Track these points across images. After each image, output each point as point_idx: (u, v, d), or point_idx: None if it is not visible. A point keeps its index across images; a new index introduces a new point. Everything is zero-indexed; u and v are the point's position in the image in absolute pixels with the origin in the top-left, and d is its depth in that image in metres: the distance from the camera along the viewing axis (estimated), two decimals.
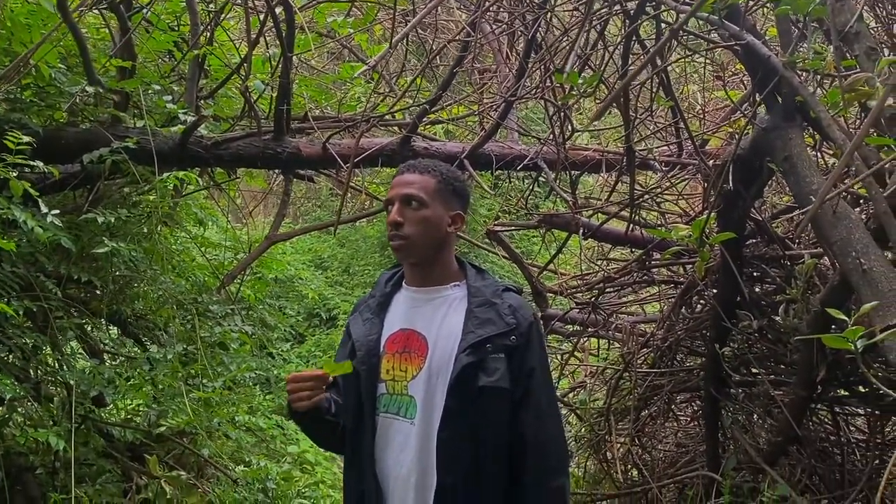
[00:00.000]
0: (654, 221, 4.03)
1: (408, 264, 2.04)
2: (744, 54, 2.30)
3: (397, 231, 1.95)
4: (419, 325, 1.99)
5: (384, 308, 2.05)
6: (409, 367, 1.95)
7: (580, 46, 3.26)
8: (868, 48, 1.72)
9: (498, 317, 1.93)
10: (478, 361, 1.88)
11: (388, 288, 2.09)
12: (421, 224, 1.96)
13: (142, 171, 3.44)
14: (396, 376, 1.96)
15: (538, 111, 7.74)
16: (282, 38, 3.45)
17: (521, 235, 9.62)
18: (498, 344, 1.91)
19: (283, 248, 10.09)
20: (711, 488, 3.54)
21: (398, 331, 2.00)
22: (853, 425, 3.73)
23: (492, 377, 1.89)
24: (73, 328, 3.76)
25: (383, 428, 1.95)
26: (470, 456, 1.89)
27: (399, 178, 2.01)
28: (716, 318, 3.26)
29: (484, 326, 1.92)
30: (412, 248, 1.97)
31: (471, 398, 1.88)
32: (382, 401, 1.96)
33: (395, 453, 1.93)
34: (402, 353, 1.97)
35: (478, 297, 1.97)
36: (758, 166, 2.68)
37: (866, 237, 1.96)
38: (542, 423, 1.94)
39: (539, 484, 1.92)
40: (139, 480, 4.09)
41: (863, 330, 1.49)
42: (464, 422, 1.88)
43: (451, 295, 2.01)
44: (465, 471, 1.88)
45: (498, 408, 1.91)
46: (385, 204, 2.03)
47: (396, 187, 1.99)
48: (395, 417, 1.95)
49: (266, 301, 5.20)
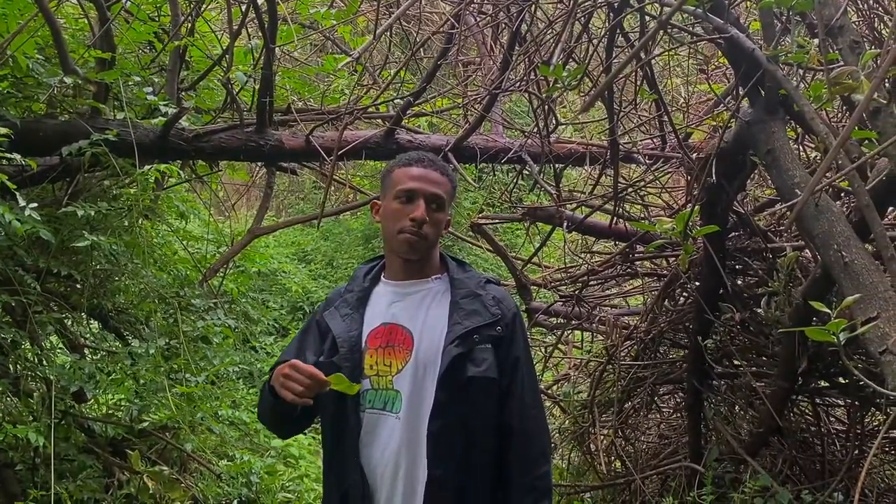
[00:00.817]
0: (637, 214, 4.04)
1: (402, 258, 2.01)
2: (727, 48, 2.30)
3: (419, 229, 1.93)
4: (402, 319, 1.97)
5: (363, 303, 2.03)
6: (394, 361, 1.93)
7: (564, 40, 3.26)
8: (852, 42, 1.73)
9: (483, 308, 1.95)
10: (466, 352, 1.89)
11: (367, 282, 2.07)
12: (437, 226, 1.98)
13: (122, 164, 3.40)
14: (381, 371, 1.94)
15: (522, 104, 7.74)
16: (264, 29, 3.42)
17: (505, 228, 9.62)
18: (484, 335, 1.92)
19: (266, 241, 10.04)
20: (694, 479, 3.56)
21: (380, 325, 1.98)
22: (833, 416, 3.77)
23: (480, 367, 1.90)
24: (52, 323, 3.72)
25: (369, 424, 1.93)
26: (460, 447, 1.89)
27: (422, 171, 1.98)
28: (698, 310, 3.28)
29: (470, 318, 1.93)
30: (424, 246, 1.97)
31: (460, 389, 1.88)
32: (367, 396, 1.94)
33: (381, 448, 1.91)
34: (386, 348, 1.95)
35: (462, 289, 1.98)
36: (741, 160, 2.69)
37: (848, 230, 1.98)
38: (527, 411, 1.96)
39: (524, 472, 1.94)
40: (121, 476, 4.06)
41: (845, 322, 1.50)
42: (453, 413, 1.88)
43: (433, 288, 2.01)
44: (455, 461, 1.89)
45: (486, 398, 1.92)
46: (400, 193, 1.97)
47: (421, 182, 1.96)
48: (381, 412, 1.93)
49: (249, 294, 5.18)
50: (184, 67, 4.06)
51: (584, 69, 2.47)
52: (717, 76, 4.04)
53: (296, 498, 4.98)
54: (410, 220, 1.93)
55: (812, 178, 1.51)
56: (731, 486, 3.47)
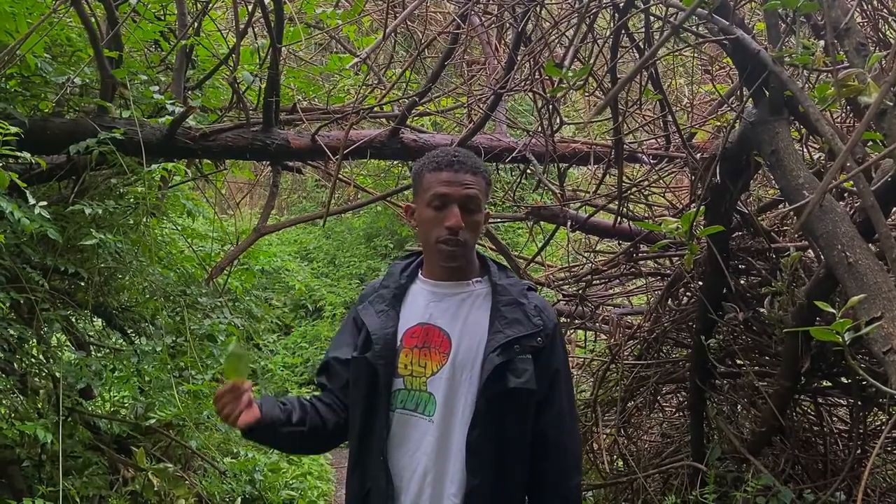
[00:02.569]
0: (641, 214, 4.05)
1: (447, 266, 1.95)
2: (732, 49, 2.31)
3: (456, 237, 1.87)
4: (440, 321, 1.92)
5: (399, 300, 1.98)
6: (429, 362, 1.89)
7: (569, 39, 3.28)
8: (858, 44, 1.74)
9: (525, 317, 1.90)
10: (507, 362, 1.85)
11: (403, 279, 2.01)
12: (475, 229, 1.91)
13: (129, 162, 3.42)
14: (415, 372, 1.90)
15: (526, 103, 7.75)
16: (270, 28, 3.43)
17: (508, 227, 9.64)
18: (525, 345, 1.88)
19: (270, 239, 10.07)
20: (696, 478, 3.58)
21: (416, 325, 1.93)
22: (836, 416, 3.78)
23: (521, 378, 1.86)
24: (59, 320, 3.74)
25: (399, 425, 1.89)
26: (496, 456, 1.86)
27: (454, 174, 1.88)
28: (702, 309, 3.29)
29: (512, 326, 1.88)
30: (465, 253, 1.91)
31: (500, 399, 1.85)
32: (399, 396, 1.90)
33: (411, 451, 1.88)
34: (422, 349, 1.90)
35: (505, 296, 1.92)
36: (745, 160, 2.70)
37: (852, 230, 1.99)
38: (563, 423, 1.94)
39: (558, 483, 1.93)
40: (126, 473, 4.09)
41: (850, 322, 1.52)
42: (491, 422, 1.85)
43: (473, 291, 1.96)
44: (491, 471, 1.86)
45: (524, 409, 1.89)
46: (433, 198, 1.89)
47: (454, 186, 1.87)
48: (413, 414, 1.89)
49: (252, 292, 5.19)
50: (190, 66, 4.08)
51: (589, 70, 2.48)
52: (722, 77, 4.05)
53: (299, 496, 5.01)
54: (447, 229, 1.86)
55: (822, 182, 1.53)
56: (734, 484, 3.48)
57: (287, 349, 9.05)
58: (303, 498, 5.06)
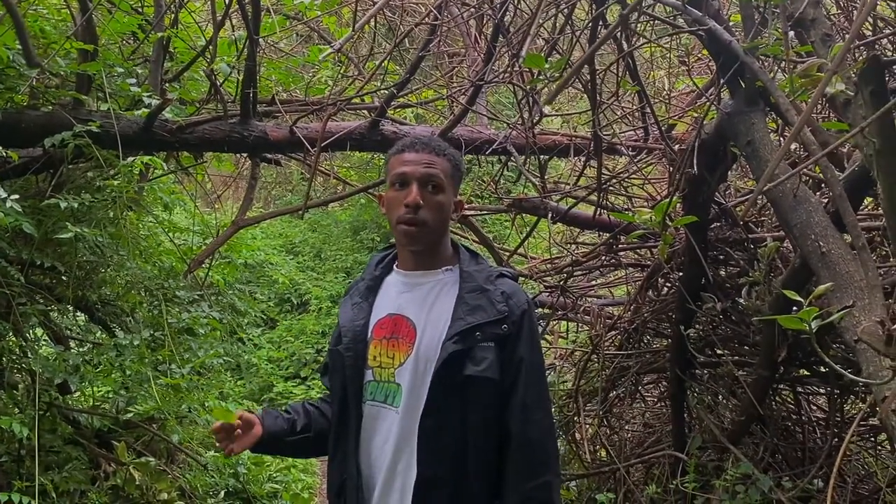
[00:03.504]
0: (621, 205, 4.06)
1: (408, 250, 1.94)
2: (707, 40, 2.32)
3: (415, 214, 1.84)
4: (408, 311, 1.91)
5: (373, 292, 1.98)
6: (397, 353, 1.87)
7: (547, 30, 3.27)
8: (824, 34, 1.75)
9: (489, 304, 1.85)
10: (465, 350, 1.81)
11: (378, 271, 2.00)
12: (438, 210, 1.87)
13: (106, 156, 3.39)
14: (383, 363, 1.88)
15: (508, 96, 7.75)
16: (248, 20, 3.41)
17: (492, 219, 9.64)
18: (488, 332, 1.82)
19: (254, 232, 10.03)
20: (677, 467, 3.60)
21: (386, 316, 1.92)
22: (814, 404, 3.82)
23: (479, 366, 1.80)
24: (36, 315, 3.71)
25: (370, 417, 1.88)
26: (456, 447, 1.81)
27: (412, 154, 1.88)
28: (681, 300, 3.30)
29: (474, 313, 1.84)
30: (426, 234, 1.88)
31: (456, 388, 1.80)
32: (369, 388, 1.89)
33: (381, 442, 1.87)
34: (390, 339, 1.89)
35: (469, 283, 1.89)
36: (722, 151, 2.71)
37: (825, 220, 2.00)
38: (528, 417, 1.84)
39: (521, 480, 1.83)
40: (107, 467, 4.06)
41: (817, 311, 1.53)
42: (447, 412, 1.81)
43: (442, 279, 1.93)
44: (449, 463, 1.81)
45: (485, 399, 1.82)
46: (394, 180, 1.89)
47: (412, 164, 1.87)
48: (382, 406, 1.87)
49: (236, 286, 5.16)
50: (167, 58, 4.05)
51: (566, 60, 2.48)
52: (701, 68, 4.06)
53: (283, 488, 5.00)
54: (405, 207, 1.84)
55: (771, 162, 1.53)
56: (714, 473, 3.50)
57: (272, 343, 9.03)
58: (287, 491, 5.05)
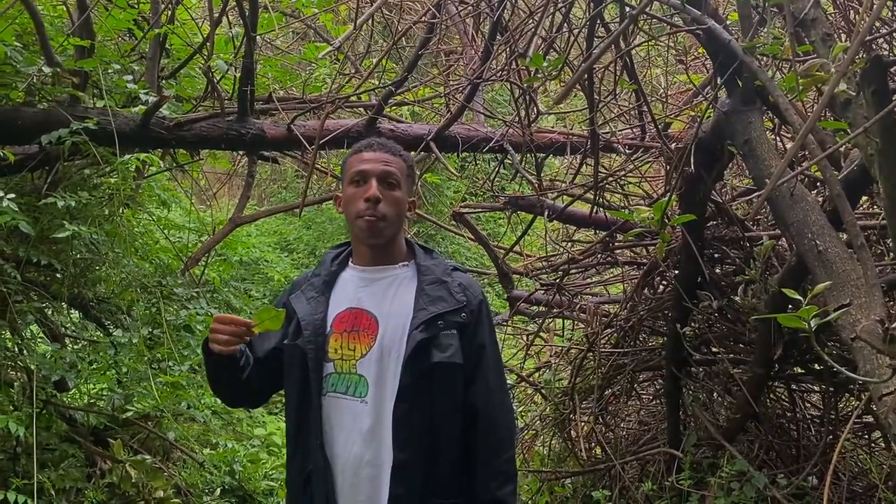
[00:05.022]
0: (617, 203, 4.07)
1: (366, 244, 2.02)
2: (705, 38, 2.33)
3: (375, 208, 1.93)
4: (368, 304, 1.98)
5: (330, 287, 2.04)
6: (358, 345, 1.95)
7: (545, 28, 3.28)
8: (824, 34, 1.76)
9: (449, 294, 1.96)
10: (431, 338, 1.91)
11: (334, 267, 2.07)
12: (395, 205, 1.97)
13: (102, 153, 3.38)
14: (345, 355, 1.95)
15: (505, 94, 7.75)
16: (245, 17, 3.40)
17: (487, 217, 9.65)
18: (449, 321, 1.94)
19: (249, 230, 10.00)
20: (673, 464, 3.62)
21: (345, 310, 1.99)
22: (808, 402, 3.84)
23: (445, 353, 1.91)
24: (32, 312, 3.70)
25: (330, 408, 1.94)
26: (425, 431, 1.91)
27: (370, 154, 1.99)
28: (677, 298, 3.32)
29: (435, 304, 1.94)
30: (385, 227, 1.96)
31: (425, 374, 1.90)
32: (330, 380, 1.95)
33: (346, 433, 1.92)
34: (351, 333, 1.96)
35: (428, 276, 1.99)
36: (719, 149, 2.72)
37: (822, 219, 2.01)
38: (492, 395, 1.98)
39: (490, 456, 1.96)
40: (103, 465, 4.05)
41: (816, 309, 1.54)
42: (418, 398, 1.90)
43: (400, 274, 2.02)
44: (420, 446, 1.90)
45: (451, 383, 1.94)
46: (352, 177, 1.98)
47: (371, 162, 1.97)
48: (343, 397, 1.94)
49: (231, 283, 5.16)
50: (164, 55, 4.03)
51: (563, 59, 2.48)
52: (697, 67, 4.07)
53: (279, 486, 5.00)
54: (365, 201, 1.93)
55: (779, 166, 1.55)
56: (709, 470, 3.52)
57: None
58: (283, 488, 5.04)
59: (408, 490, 1.89)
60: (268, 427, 5.99)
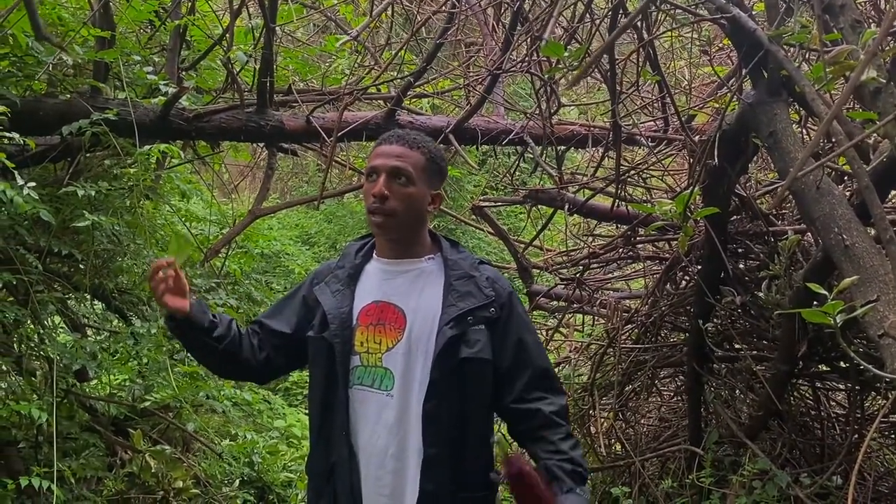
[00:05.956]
0: (639, 197, 4.02)
1: (383, 239, 2.02)
2: (730, 28, 2.27)
3: (381, 204, 1.92)
4: (394, 298, 1.98)
5: (354, 280, 2.03)
6: (384, 338, 1.94)
7: (566, 19, 3.23)
8: (853, 21, 1.71)
9: (477, 289, 1.95)
10: (460, 334, 1.90)
11: (358, 259, 2.06)
12: (406, 201, 1.94)
13: (123, 144, 3.39)
14: (371, 348, 1.95)
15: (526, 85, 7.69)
16: (264, 8, 3.39)
17: (508, 211, 9.60)
18: (479, 316, 1.93)
19: (270, 223, 10.04)
20: (693, 462, 3.58)
21: (371, 303, 1.99)
22: (833, 400, 3.77)
23: (473, 349, 1.91)
24: (53, 302, 3.73)
25: (356, 400, 1.94)
26: (454, 426, 1.91)
27: (386, 147, 1.97)
28: (699, 293, 3.27)
29: (464, 299, 1.93)
30: (394, 224, 1.95)
31: (454, 370, 1.90)
32: (356, 373, 1.95)
33: (371, 425, 1.93)
34: (376, 326, 1.96)
35: (456, 271, 1.98)
36: (743, 142, 2.66)
37: (849, 213, 1.96)
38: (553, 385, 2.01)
39: (563, 439, 1.95)
40: (123, 455, 4.09)
41: (842, 305, 1.49)
42: (447, 393, 1.90)
43: (425, 268, 2.01)
44: (449, 441, 1.91)
45: (480, 378, 1.94)
46: (367, 172, 1.98)
47: (383, 157, 1.95)
48: (370, 389, 1.94)
49: (252, 276, 5.17)
50: (184, 47, 4.04)
51: (585, 49, 2.44)
52: (722, 58, 4.00)
53: (297, 478, 5.01)
54: (372, 196, 1.92)
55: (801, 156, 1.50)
56: (731, 468, 3.48)
57: None
58: (301, 480, 5.05)
59: (437, 485, 1.90)
60: (287, 419, 6.01)
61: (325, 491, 1.97)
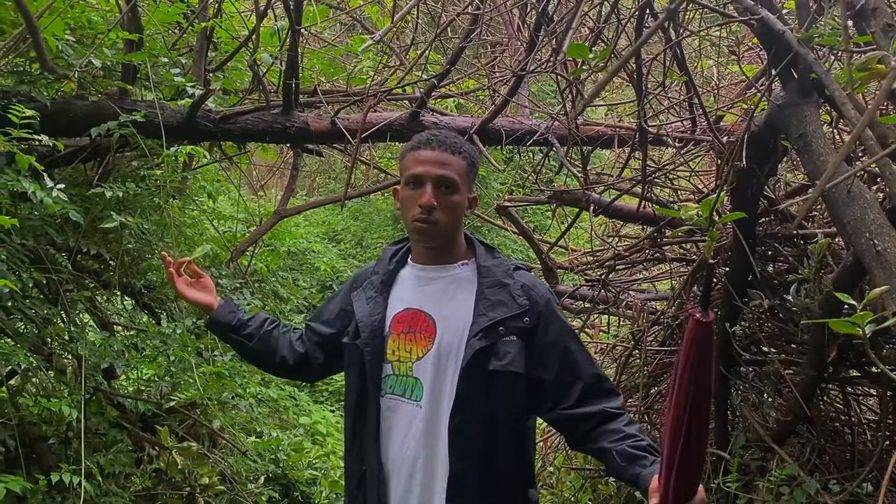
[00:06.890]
0: (666, 198, 3.97)
1: (422, 246, 1.98)
2: (759, 29, 2.23)
3: (429, 215, 1.87)
4: (426, 306, 1.93)
5: (388, 286, 2.00)
6: (414, 347, 1.90)
7: (592, 19, 3.20)
8: (885, 24, 1.67)
9: (510, 298, 1.88)
10: (490, 345, 1.84)
11: (392, 265, 2.03)
12: (452, 210, 1.89)
13: (150, 145, 3.43)
14: (402, 357, 1.91)
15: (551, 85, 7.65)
16: (290, 10, 3.41)
17: (534, 210, 9.57)
18: (511, 326, 1.86)
19: (297, 220, 10.11)
20: (719, 466, 3.53)
21: (403, 310, 1.95)
22: (864, 405, 3.70)
23: (502, 361, 1.84)
24: (83, 300, 3.79)
25: (388, 409, 1.91)
26: (483, 440, 1.86)
27: (428, 153, 1.89)
28: (727, 296, 3.23)
29: (495, 309, 1.87)
30: (436, 233, 1.90)
31: (482, 383, 1.84)
32: (388, 382, 1.92)
33: (401, 435, 1.90)
34: (408, 334, 1.92)
35: (488, 278, 1.91)
36: (772, 143, 2.62)
37: (881, 218, 1.92)
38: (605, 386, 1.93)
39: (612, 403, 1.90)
40: (151, 451, 4.15)
41: (871, 315, 1.46)
42: (475, 406, 1.85)
43: (458, 274, 1.96)
44: (478, 456, 1.85)
45: (510, 392, 1.87)
46: (410, 179, 1.90)
47: (429, 165, 1.88)
48: (401, 399, 1.91)
49: (279, 273, 5.21)
50: (211, 49, 4.07)
51: (611, 50, 2.42)
52: (751, 56, 3.94)
53: (322, 475, 5.05)
54: (419, 207, 1.87)
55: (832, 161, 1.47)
56: (758, 473, 3.43)
57: None
58: (326, 477, 5.09)
59: (465, 501, 1.85)
60: (313, 416, 6.05)
61: (358, 498, 1.95)
